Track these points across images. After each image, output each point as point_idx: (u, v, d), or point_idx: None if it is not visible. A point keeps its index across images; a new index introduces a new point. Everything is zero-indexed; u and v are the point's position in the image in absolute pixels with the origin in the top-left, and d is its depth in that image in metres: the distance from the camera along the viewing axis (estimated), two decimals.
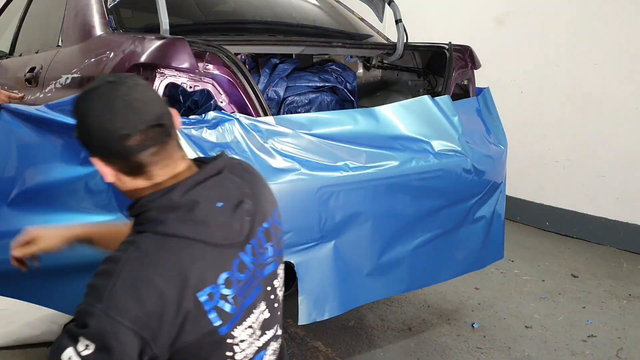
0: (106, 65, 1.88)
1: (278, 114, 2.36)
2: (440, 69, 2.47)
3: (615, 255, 3.57)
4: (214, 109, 1.83)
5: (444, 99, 2.21)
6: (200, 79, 1.77)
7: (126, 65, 1.78)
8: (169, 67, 1.71)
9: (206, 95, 2.02)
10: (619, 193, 3.65)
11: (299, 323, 1.83)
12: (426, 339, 2.48)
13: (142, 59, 1.74)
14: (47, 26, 2.77)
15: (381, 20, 2.79)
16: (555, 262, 3.45)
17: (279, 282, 1.23)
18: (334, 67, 2.61)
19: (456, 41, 2.54)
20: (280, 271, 1.24)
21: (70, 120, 1.63)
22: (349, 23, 2.84)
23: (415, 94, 2.62)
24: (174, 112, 1.11)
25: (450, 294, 2.93)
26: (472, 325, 2.60)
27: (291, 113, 2.37)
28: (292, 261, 1.80)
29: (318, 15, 2.90)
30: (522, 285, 3.09)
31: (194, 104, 2.05)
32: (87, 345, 0.93)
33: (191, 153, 1.66)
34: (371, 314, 2.68)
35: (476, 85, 2.55)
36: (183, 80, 1.75)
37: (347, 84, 2.58)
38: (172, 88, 1.83)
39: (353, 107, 2.55)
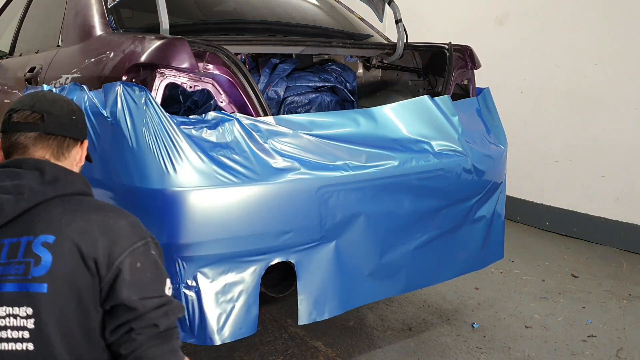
0: (106, 65, 1.88)
1: (278, 114, 2.36)
2: (440, 69, 2.47)
3: (615, 255, 3.57)
4: (214, 109, 1.83)
5: (444, 99, 2.21)
6: (200, 79, 1.77)
7: (126, 65, 1.78)
8: (169, 67, 1.71)
9: (206, 95, 2.02)
10: (619, 193, 3.65)
11: (299, 323, 1.83)
12: (426, 339, 2.48)
13: (142, 59, 1.74)
14: (47, 26, 2.77)
15: (381, 20, 2.79)
16: (555, 262, 3.45)
17: (11, 321, 1.11)
18: (334, 67, 2.61)
19: (456, 41, 2.54)
20: (18, 313, 1.11)
21: None
22: (349, 23, 2.84)
23: (415, 94, 2.62)
24: None
25: (450, 294, 2.93)
26: (472, 325, 2.60)
27: (291, 113, 2.37)
28: (292, 261, 1.80)
29: (318, 15, 2.90)
30: (522, 285, 3.09)
31: (194, 104, 2.05)
32: None
33: (191, 153, 1.66)
34: (371, 314, 2.68)
35: (476, 85, 2.55)
36: (183, 80, 1.75)
37: (347, 84, 2.58)
38: (172, 88, 1.83)
39: (353, 107, 2.56)
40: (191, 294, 1.68)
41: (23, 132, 1.26)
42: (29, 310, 1.11)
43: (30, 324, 1.11)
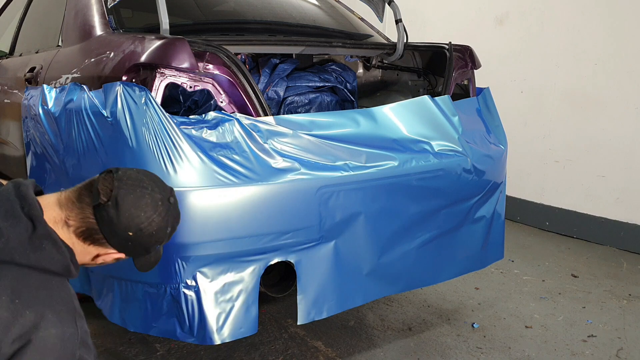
0: (106, 65, 1.88)
1: (278, 114, 2.36)
2: (440, 69, 2.47)
3: (615, 255, 3.57)
4: (214, 109, 1.83)
5: (444, 99, 2.21)
6: (200, 79, 1.77)
7: (126, 65, 1.78)
8: (169, 67, 1.72)
9: (206, 95, 2.02)
10: (619, 193, 3.65)
11: (298, 322, 1.83)
12: (426, 339, 2.48)
13: (142, 59, 1.74)
14: (47, 26, 2.77)
15: (381, 20, 2.79)
16: (555, 262, 3.45)
17: None
18: (334, 67, 2.61)
19: (456, 41, 2.54)
20: None
21: None
22: (349, 23, 2.84)
23: (415, 94, 2.62)
24: None
25: (450, 294, 2.93)
26: (472, 325, 2.61)
27: (291, 113, 2.37)
28: (291, 261, 1.80)
29: (318, 15, 2.90)
30: (522, 285, 3.09)
31: (194, 104, 2.06)
32: None
33: (191, 153, 1.66)
34: (371, 314, 2.68)
35: (476, 85, 2.55)
36: (183, 80, 1.75)
37: (347, 84, 2.58)
38: (172, 88, 1.83)
39: (353, 107, 2.56)
40: (190, 293, 1.68)
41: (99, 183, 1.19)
42: None
43: None
